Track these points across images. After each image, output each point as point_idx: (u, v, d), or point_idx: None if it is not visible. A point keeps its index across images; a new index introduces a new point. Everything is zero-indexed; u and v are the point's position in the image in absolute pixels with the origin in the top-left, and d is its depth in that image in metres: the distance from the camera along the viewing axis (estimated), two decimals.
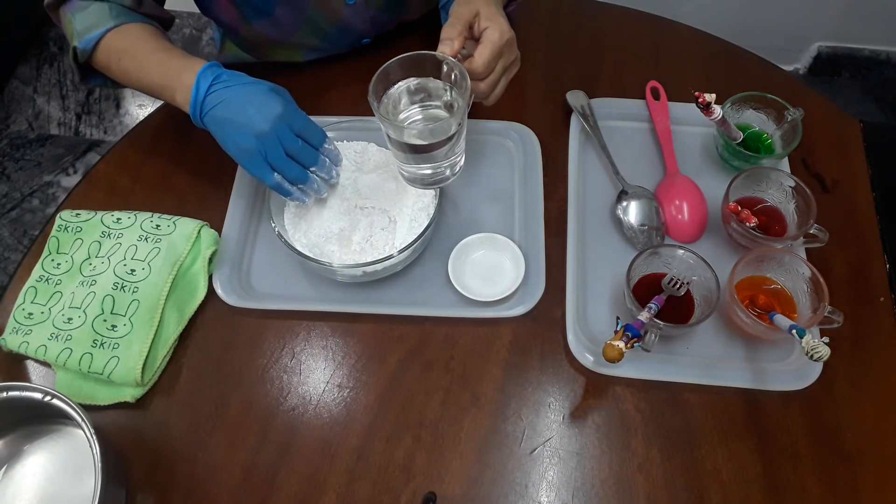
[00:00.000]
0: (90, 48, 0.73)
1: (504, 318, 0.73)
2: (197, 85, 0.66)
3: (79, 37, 0.72)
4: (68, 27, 0.73)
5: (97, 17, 0.72)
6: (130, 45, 0.73)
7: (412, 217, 0.74)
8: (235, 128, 0.66)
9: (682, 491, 0.65)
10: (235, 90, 0.66)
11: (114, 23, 0.72)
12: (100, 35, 0.72)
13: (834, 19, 1.71)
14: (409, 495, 0.65)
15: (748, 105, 0.81)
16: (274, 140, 0.66)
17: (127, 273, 0.72)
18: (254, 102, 0.66)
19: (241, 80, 0.68)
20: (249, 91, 0.67)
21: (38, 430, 0.68)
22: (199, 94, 0.66)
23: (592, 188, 0.82)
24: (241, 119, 0.65)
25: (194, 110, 0.67)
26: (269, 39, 0.86)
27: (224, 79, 0.67)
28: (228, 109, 0.66)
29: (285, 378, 0.71)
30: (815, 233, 0.72)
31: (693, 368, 0.70)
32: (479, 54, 0.65)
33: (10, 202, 1.78)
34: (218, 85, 0.67)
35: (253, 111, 0.65)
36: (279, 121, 0.66)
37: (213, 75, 0.67)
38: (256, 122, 0.65)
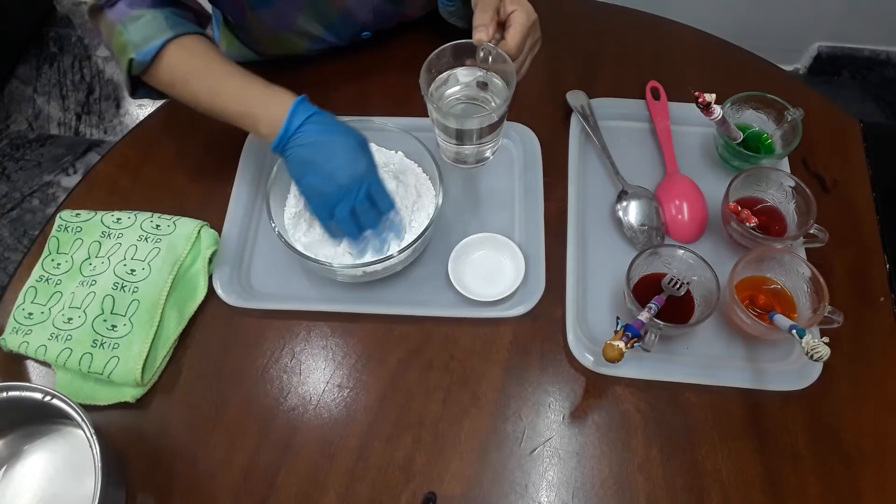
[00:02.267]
0: (149, 60, 0.69)
1: (504, 318, 0.73)
2: (289, 120, 0.66)
3: (135, 48, 0.69)
4: (119, 38, 0.69)
5: (154, 28, 0.69)
6: (198, 66, 0.71)
7: (412, 217, 0.74)
8: (317, 173, 0.67)
9: (682, 491, 0.65)
10: (328, 136, 0.67)
11: (172, 33, 0.69)
12: (158, 46, 0.69)
13: (834, 19, 1.71)
14: (409, 495, 0.65)
15: (748, 105, 0.81)
16: (348, 196, 0.67)
17: (127, 273, 0.72)
18: (342, 154, 0.67)
19: (334, 125, 0.68)
20: (340, 140, 0.67)
21: (38, 430, 0.68)
22: (289, 129, 0.66)
23: (592, 188, 0.82)
24: (325, 167, 0.66)
25: (279, 143, 0.67)
26: (271, 28, 0.85)
27: (316, 119, 0.67)
28: (316, 153, 0.66)
29: (285, 378, 0.71)
30: (815, 233, 0.72)
31: (693, 368, 0.70)
32: (511, 37, 0.67)
33: (10, 202, 1.78)
34: (310, 125, 0.67)
35: (339, 164, 0.66)
36: (360, 180, 0.67)
37: (306, 112, 0.67)
38: (339, 176, 0.66)
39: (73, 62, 2.05)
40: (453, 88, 0.71)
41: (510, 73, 0.66)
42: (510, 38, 0.67)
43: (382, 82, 0.92)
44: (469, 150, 0.72)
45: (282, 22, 0.84)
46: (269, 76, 0.70)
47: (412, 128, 0.78)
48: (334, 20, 0.85)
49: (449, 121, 0.67)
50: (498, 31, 0.68)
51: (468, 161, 0.75)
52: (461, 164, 0.75)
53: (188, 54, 0.71)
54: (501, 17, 0.69)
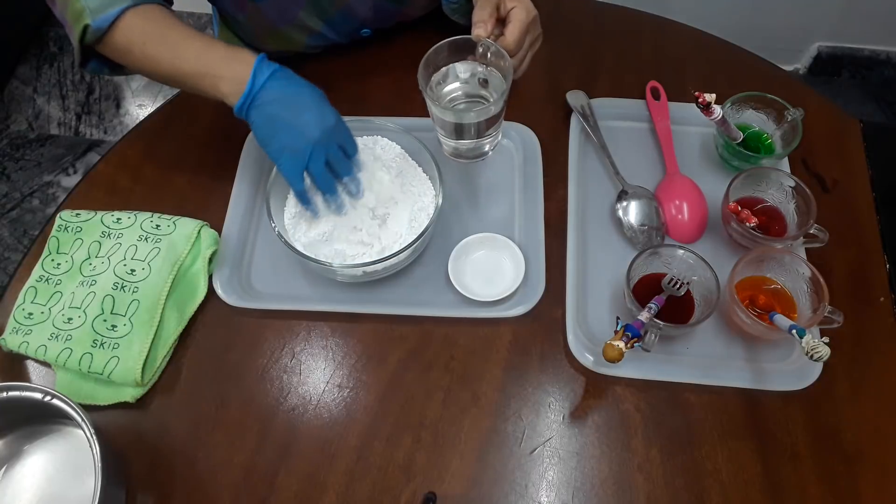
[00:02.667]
0: (105, 27, 0.68)
1: (504, 318, 0.73)
2: (254, 76, 0.65)
3: (92, 14, 0.67)
4: (74, 5, 0.68)
5: None
6: (158, 29, 0.69)
7: (412, 217, 0.74)
8: (287, 128, 0.66)
9: (682, 491, 0.65)
10: (294, 90, 0.67)
11: (130, 1, 0.68)
12: (117, 13, 0.67)
13: (834, 19, 1.71)
14: (409, 495, 0.65)
15: (748, 105, 0.81)
16: (321, 148, 0.67)
17: (127, 273, 0.72)
18: (312, 108, 0.66)
19: (297, 80, 0.68)
20: (307, 94, 0.67)
21: (38, 430, 0.68)
22: (254, 85, 0.65)
23: (592, 188, 0.82)
24: (296, 121, 0.66)
25: (244, 101, 0.66)
26: (271, 22, 0.85)
27: (280, 74, 0.67)
28: (285, 108, 0.66)
29: (285, 378, 0.71)
30: (815, 233, 0.72)
31: (693, 368, 0.70)
32: (510, 33, 0.67)
33: (10, 202, 1.78)
34: (273, 80, 0.66)
35: (310, 116, 0.66)
36: (331, 131, 0.67)
37: (269, 69, 0.66)
38: (311, 128, 0.65)
39: (73, 62, 2.04)
40: (452, 85, 0.71)
41: (507, 68, 0.66)
42: (509, 35, 0.67)
43: (382, 82, 0.92)
44: (468, 144, 0.72)
45: (282, 15, 0.84)
46: None
47: (412, 127, 0.78)
48: (334, 15, 0.85)
49: (447, 115, 0.67)
50: (497, 27, 0.68)
51: (467, 156, 0.75)
52: (460, 158, 0.75)
53: (145, 20, 0.69)
54: (501, 13, 0.69)
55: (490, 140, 0.73)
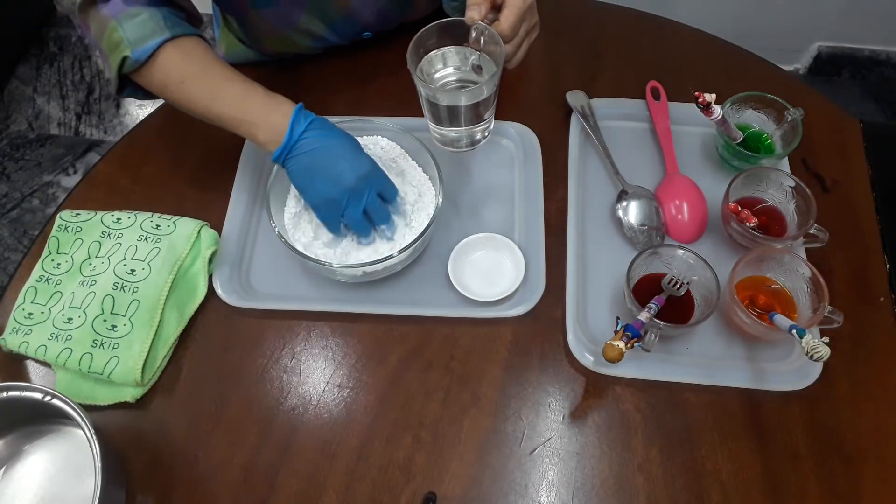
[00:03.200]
0: (144, 59, 0.68)
1: (504, 318, 0.73)
2: (291, 129, 0.66)
3: (131, 46, 0.67)
4: (112, 35, 0.67)
5: (151, 27, 0.67)
6: (197, 69, 0.69)
7: (412, 217, 0.74)
8: (323, 178, 0.67)
9: (682, 491, 0.65)
10: (329, 141, 0.67)
11: (170, 33, 0.68)
12: (155, 46, 0.67)
13: (834, 19, 1.71)
14: (409, 495, 0.65)
15: (748, 105, 0.81)
16: (358, 196, 0.68)
17: (127, 273, 0.72)
18: (346, 157, 0.67)
19: (333, 131, 0.68)
20: (343, 145, 0.68)
21: (38, 430, 0.68)
22: (291, 137, 0.66)
23: (592, 188, 0.82)
24: (331, 171, 0.67)
25: (282, 152, 0.67)
26: (273, 27, 0.85)
27: (316, 125, 0.67)
28: (320, 159, 0.67)
29: (285, 378, 0.71)
30: (815, 233, 0.72)
31: (693, 368, 0.70)
32: (505, 18, 0.66)
33: (10, 202, 1.78)
34: (311, 132, 0.67)
35: (344, 166, 0.67)
36: (366, 178, 0.68)
37: (305, 120, 0.67)
38: (346, 177, 0.66)
39: (73, 62, 2.05)
40: (444, 70, 0.70)
41: (501, 53, 0.65)
42: (504, 19, 0.67)
43: (383, 82, 0.92)
44: (459, 132, 0.72)
45: (284, 20, 0.84)
46: (269, 76, 0.71)
47: (412, 128, 0.78)
48: (337, 19, 0.85)
49: (438, 98, 0.67)
50: (492, 12, 0.68)
51: (459, 144, 0.74)
52: (451, 147, 0.75)
53: (185, 56, 0.69)
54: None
55: (482, 127, 0.72)
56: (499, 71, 0.65)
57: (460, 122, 0.70)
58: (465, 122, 0.70)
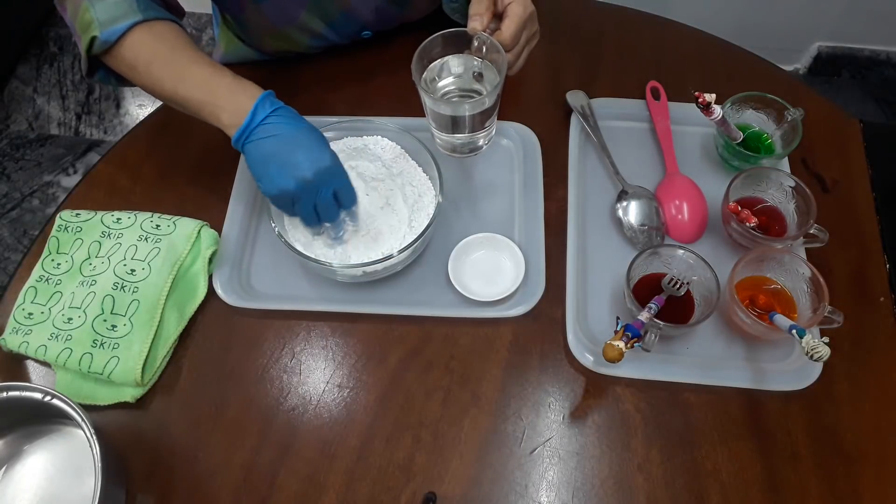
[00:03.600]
0: (113, 40, 0.67)
1: (504, 318, 0.73)
2: (254, 112, 0.65)
3: (101, 26, 0.67)
4: (85, 15, 0.67)
5: (122, 9, 0.67)
6: (165, 50, 0.68)
7: (412, 217, 0.74)
8: (278, 166, 0.65)
9: (682, 491, 0.65)
10: (291, 129, 0.65)
11: (141, 16, 0.67)
12: (126, 27, 0.67)
13: (834, 19, 1.71)
14: (409, 495, 0.65)
15: (748, 105, 0.81)
16: (311, 190, 0.65)
17: (127, 273, 0.72)
18: (306, 148, 0.65)
19: (298, 120, 0.67)
20: (304, 135, 0.66)
21: (38, 430, 0.68)
22: (253, 120, 0.65)
23: (592, 188, 0.82)
24: (288, 159, 0.64)
25: (241, 135, 0.65)
26: (273, 23, 0.85)
27: (281, 112, 0.66)
28: (278, 146, 0.65)
29: (285, 378, 0.71)
30: (815, 233, 0.72)
31: (693, 368, 0.70)
32: (506, 27, 0.67)
33: (10, 202, 1.78)
34: (274, 117, 0.65)
35: (303, 156, 0.64)
36: (324, 173, 0.65)
37: (271, 106, 0.66)
38: (302, 168, 0.64)
39: (73, 62, 2.05)
40: (447, 80, 0.71)
41: (502, 62, 0.66)
42: (505, 29, 0.67)
43: (383, 82, 0.92)
44: (462, 139, 0.72)
45: (284, 16, 0.84)
46: (268, 75, 0.71)
47: (412, 128, 0.78)
48: (336, 17, 0.85)
49: (441, 108, 0.67)
50: (493, 21, 0.68)
51: (461, 150, 0.75)
52: (454, 153, 0.75)
53: (154, 38, 0.69)
54: (499, 8, 0.69)
55: (484, 134, 0.73)
56: (501, 81, 0.65)
57: (463, 130, 0.70)
58: (468, 129, 0.70)
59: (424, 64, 0.68)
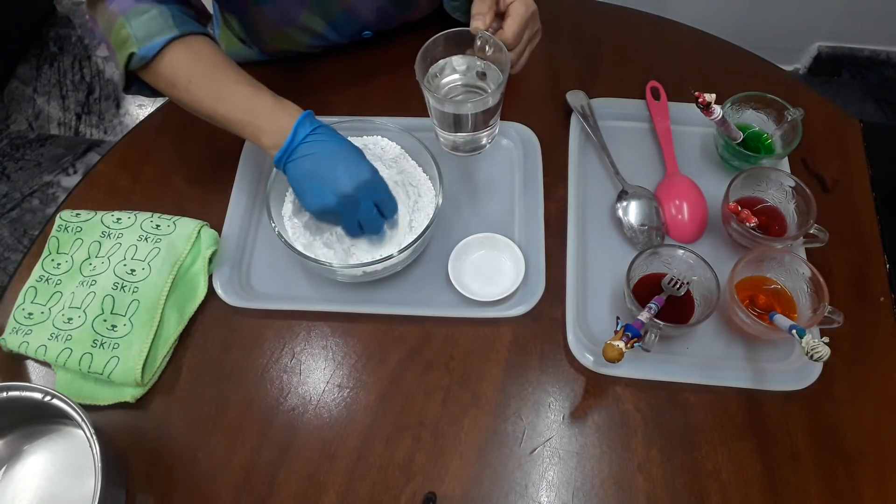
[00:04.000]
0: (151, 56, 0.68)
1: (504, 318, 0.73)
2: (294, 132, 0.66)
3: (139, 43, 0.67)
4: (120, 31, 0.67)
5: (159, 24, 0.67)
6: (204, 69, 0.69)
7: (412, 217, 0.74)
8: (320, 183, 0.66)
9: (682, 491, 0.65)
10: (330, 146, 0.66)
11: (178, 31, 0.68)
12: (163, 43, 0.67)
13: (834, 19, 1.71)
14: (409, 495, 0.65)
15: (748, 105, 0.81)
16: (353, 205, 0.67)
17: (127, 273, 0.72)
18: (345, 163, 0.66)
19: (336, 137, 0.68)
20: (343, 151, 0.67)
21: (38, 430, 0.68)
22: (293, 141, 0.66)
23: (592, 188, 0.82)
24: (328, 176, 0.65)
25: (282, 155, 0.66)
26: (274, 24, 0.85)
27: (320, 131, 0.67)
28: (318, 163, 0.66)
29: (285, 378, 0.71)
30: (815, 233, 0.72)
31: (693, 368, 0.70)
32: (509, 26, 0.67)
33: (10, 202, 1.78)
34: (314, 136, 0.66)
35: (342, 171, 0.65)
36: (364, 187, 0.66)
37: (311, 126, 0.66)
38: (343, 184, 0.65)
39: (73, 62, 2.05)
40: (449, 77, 0.71)
41: (505, 61, 0.66)
42: (508, 28, 0.67)
43: (383, 82, 0.92)
44: (465, 137, 0.72)
45: (285, 17, 0.84)
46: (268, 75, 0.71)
47: (412, 128, 0.78)
48: (337, 17, 0.85)
49: (445, 106, 0.67)
50: (496, 20, 0.69)
51: (464, 149, 0.75)
52: (457, 151, 0.75)
53: (193, 55, 0.69)
54: (501, 7, 0.69)
55: (487, 133, 0.73)
56: (504, 80, 0.65)
57: (467, 129, 0.71)
58: (471, 128, 0.70)
59: (428, 63, 0.68)
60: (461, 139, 0.73)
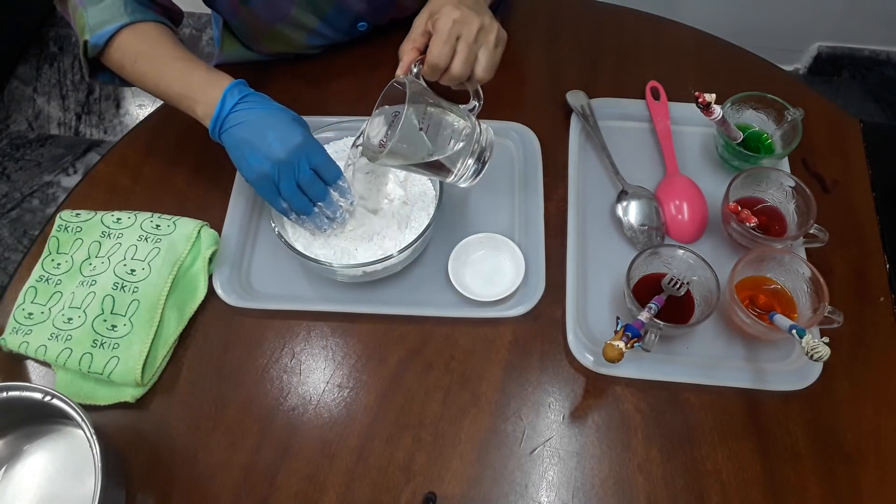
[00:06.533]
0: (102, 44, 0.71)
1: (504, 318, 0.73)
2: (223, 101, 0.67)
3: (91, 31, 0.71)
4: (80, 21, 0.72)
5: (111, 13, 0.71)
6: (148, 48, 0.72)
7: (412, 217, 0.74)
8: (252, 150, 0.66)
9: (682, 491, 0.65)
10: (259, 113, 0.67)
11: (129, 19, 0.71)
12: (113, 31, 0.71)
13: (834, 19, 1.71)
14: (409, 495, 0.65)
15: (748, 105, 0.81)
16: (288, 169, 0.67)
17: (127, 273, 0.72)
18: (275, 128, 0.66)
19: (267, 103, 0.68)
20: (273, 116, 0.67)
21: (38, 430, 0.68)
22: (223, 110, 0.67)
23: (592, 188, 0.82)
24: (259, 142, 0.66)
25: (214, 125, 0.67)
26: (266, 22, 0.85)
27: (249, 99, 0.67)
28: (249, 130, 0.66)
29: (285, 378, 0.71)
30: (815, 233, 0.72)
31: (693, 368, 0.70)
32: (431, 47, 0.66)
33: (10, 202, 1.78)
34: (243, 104, 0.67)
35: (273, 137, 0.66)
36: (297, 150, 0.66)
37: (240, 94, 0.67)
38: (275, 149, 0.65)
39: (73, 62, 2.05)
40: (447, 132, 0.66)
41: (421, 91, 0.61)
42: (431, 50, 0.65)
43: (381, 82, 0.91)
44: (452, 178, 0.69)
45: (276, 14, 0.84)
46: (268, 76, 0.70)
47: None
48: (328, 10, 0.85)
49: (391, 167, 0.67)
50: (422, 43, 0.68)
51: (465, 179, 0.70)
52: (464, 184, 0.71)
53: (139, 38, 0.72)
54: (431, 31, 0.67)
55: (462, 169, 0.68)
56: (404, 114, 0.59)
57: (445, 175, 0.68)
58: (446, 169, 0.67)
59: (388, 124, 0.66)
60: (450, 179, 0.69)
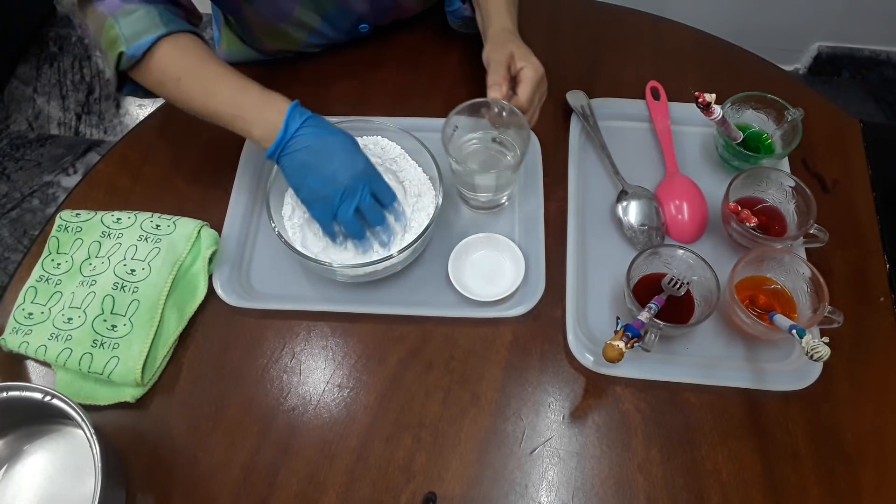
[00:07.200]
0: (139, 55, 0.68)
1: (504, 318, 0.73)
2: (286, 125, 0.66)
3: (127, 42, 0.67)
4: (109, 32, 0.68)
5: (147, 23, 0.68)
6: (193, 66, 0.70)
7: (412, 217, 0.74)
8: (316, 175, 0.67)
9: (682, 491, 0.65)
10: (324, 138, 0.67)
11: (165, 29, 0.68)
12: (151, 41, 0.68)
13: (834, 19, 1.71)
14: (409, 495, 0.65)
15: (748, 105, 0.81)
16: (351, 195, 0.67)
17: (127, 273, 0.72)
18: (339, 154, 0.67)
19: (328, 127, 0.69)
20: (338, 142, 0.68)
21: (38, 430, 0.68)
22: (286, 134, 0.66)
23: (592, 188, 0.82)
24: (324, 168, 0.66)
25: (276, 148, 0.67)
26: (269, 20, 0.85)
27: (312, 122, 0.67)
28: (313, 155, 0.67)
29: (285, 378, 0.71)
30: (815, 233, 0.72)
31: (693, 368, 0.70)
32: (522, 92, 0.71)
33: (10, 202, 1.78)
34: (306, 129, 0.67)
35: (339, 165, 0.67)
36: (360, 177, 0.67)
37: (301, 117, 0.67)
38: (340, 175, 0.66)
39: (73, 62, 2.05)
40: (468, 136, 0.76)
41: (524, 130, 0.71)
42: (521, 94, 0.71)
43: (382, 82, 0.92)
44: (485, 197, 0.77)
45: (278, 12, 0.84)
46: (268, 75, 0.71)
47: (412, 127, 0.78)
48: (331, 10, 0.85)
49: (468, 176, 0.73)
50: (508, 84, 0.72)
51: (483, 207, 0.79)
52: (477, 210, 0.80)
53: (181, 53, 0.70)
54: (512, 72, 0.72)
55: (507, 194, 0.78)
56: (525, 148, 0.70)
57: (489, 192, 0.75)
58: (492, 192, 0.75)
59: (451, 130, 0.72)
60: (482, 199, 0.77)
